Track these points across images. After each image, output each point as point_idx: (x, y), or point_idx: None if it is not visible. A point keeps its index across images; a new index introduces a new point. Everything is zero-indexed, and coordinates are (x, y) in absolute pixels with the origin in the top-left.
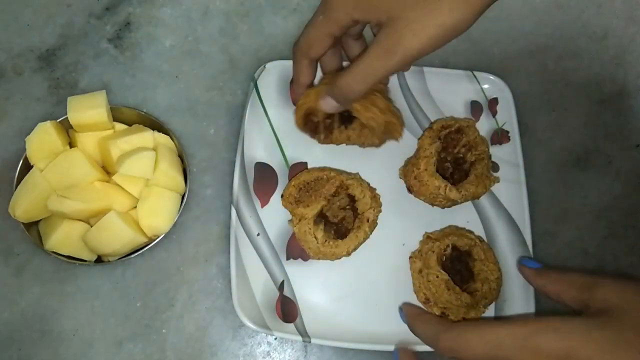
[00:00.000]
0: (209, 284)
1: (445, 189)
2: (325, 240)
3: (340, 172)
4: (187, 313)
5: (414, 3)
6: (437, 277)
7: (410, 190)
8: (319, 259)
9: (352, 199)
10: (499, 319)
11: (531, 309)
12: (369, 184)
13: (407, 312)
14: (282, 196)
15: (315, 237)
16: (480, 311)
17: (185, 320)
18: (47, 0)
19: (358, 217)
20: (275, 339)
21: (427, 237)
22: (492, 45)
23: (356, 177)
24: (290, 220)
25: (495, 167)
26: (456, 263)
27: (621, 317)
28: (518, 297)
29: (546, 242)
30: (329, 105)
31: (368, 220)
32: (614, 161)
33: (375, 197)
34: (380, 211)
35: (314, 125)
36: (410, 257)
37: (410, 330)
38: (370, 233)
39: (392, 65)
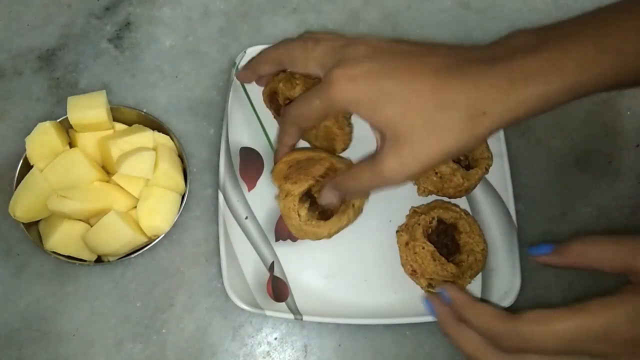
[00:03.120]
0: (209, 284)
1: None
2: (308, 219)
3: (333, 155)
4: (187, 313)
5: (421, 128)
6: (423, 248)
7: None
8: (300, 237)
9: None
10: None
11: (517, 278)
12: None
13: (457, 298)
14: (271, 171)
15: (299, 215)
16: (466, 281)
17: (185, 320)
18: (47, 0)
19: (344, 202)
20: (275, 339)
21: (414, 211)
22: None
23: (347, 162)
24: (277, 195)
25: None
26: (442, 236)
27: None
28: (504, 267)
29: (546, 242)
30: (327, 199)
31: (354, 206)
32: (614, 161)
33: None
34: (367, 200)
35: (277, 105)
36: (397, 231)
37: (464, 318)
38: (354, 219)
39: (391, 184)
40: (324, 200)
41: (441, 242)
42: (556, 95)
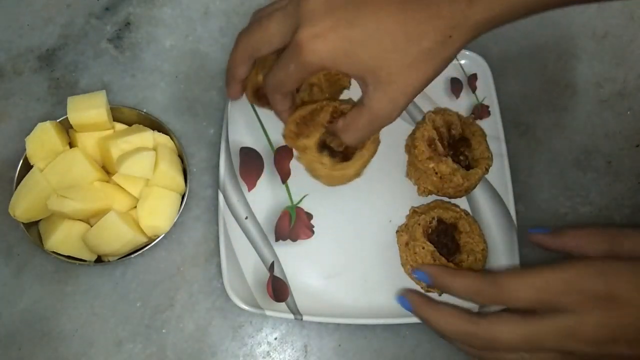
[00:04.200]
0: (209, 284)
1: (454, 174)
2: (333, 164)
3: (334, 100)
4: (187, 313)
5: (399, 65)
6: (423, 248)
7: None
8: (332, 184)
9: None
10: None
11: None
12: None
13: (433, 271)
14: (283, 135)
15: (323, 163)
16: None
17: (185, 320)
18: (47, 0)
19: None
20: (275, 339)
21: (413, 211)
22: (492, 45)
23: (350, 102)
24: (297, 157)
25: None
26: (442, 236)
27: None
28: (504, 267)
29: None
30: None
31: (370, 138)
32: (614, 161)
33: None
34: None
35: (265, 98)
36: (397, 231)
37: (443, 289)
38: (375, 151)
39: (388, 122)
40: (339, 145)
41: (441, 242)
42: (511, 9)
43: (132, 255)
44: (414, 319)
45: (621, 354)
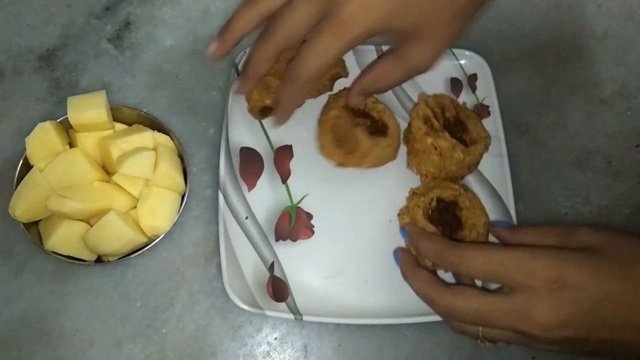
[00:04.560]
0: (209, 284)
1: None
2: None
3: (339, 97)
4: (187, 313)
5: (439, 22)
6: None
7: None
8: (382, 163)
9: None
10: None
11: None
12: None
13: (411, 230)
14: (321, 150)
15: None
16: None
17: (185, 320)
18: (47, 0)
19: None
20: (275, 339)
21: (413, 193)
22: (492, 45)
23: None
24: (343, 160)
25: None
26: (444, 214)
27: (601, 252)
28: None
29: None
30: (355, 101)
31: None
32: (614, 161)
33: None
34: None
35: (270, 110)
36: (398, 214)
37: (415, 249)
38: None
39: (421, 71)
40: (353, 102)
41: (443, 219)
42: None
43: (132, 255)
44: (415, 319)
45: (568, 337)
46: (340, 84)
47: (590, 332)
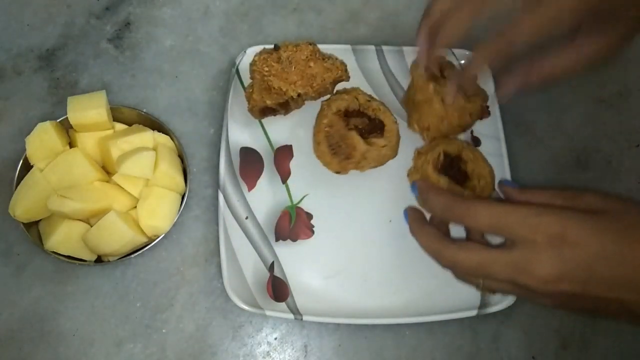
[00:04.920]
0: (209, 284)
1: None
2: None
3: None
4: (187, 313)
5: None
6: (439, 182)
7: (410, 120)
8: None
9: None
10: None
11: None
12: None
13: (421, 185)
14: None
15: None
16: None
17: (185, 320)
18: (47, 0)
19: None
20: (275, 339)
21: (418, 153)
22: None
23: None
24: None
25: (477, 142)
26: (448, 169)
27: (606, 214)
28: None
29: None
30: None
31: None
32: (614, 161)
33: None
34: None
35: (270, 110)
36: (407, 175)
37: (424, 204)
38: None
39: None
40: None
41: (448, 175)
42: None
43: (132, 255)
44: (415, 319)
45: (564, 291)
46: (340, 87)
47: (586, 287)
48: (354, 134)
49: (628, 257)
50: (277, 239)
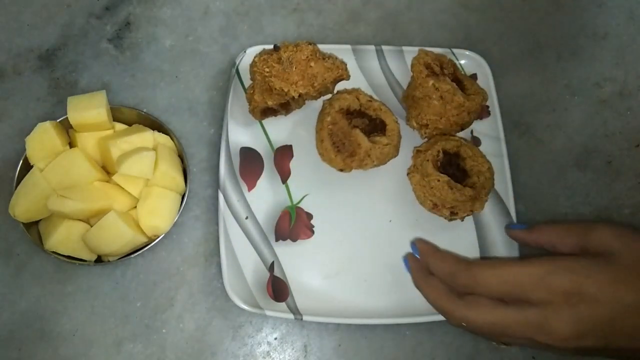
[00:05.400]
0: (209, 284)
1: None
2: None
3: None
4: (187, 313)
5: None
6: (439, 181)
7: (409, 118)
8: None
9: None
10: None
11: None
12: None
13: (422, 248)
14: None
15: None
16: (483, 201)
17: (185, 320)
18: (47, 0)
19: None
20: (275, 338)
21: (417, 151)
22: (492, 45)
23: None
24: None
25: (477, 142)
26: (447, 167)
27: (619, 258)
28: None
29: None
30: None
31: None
32: (614, 161)
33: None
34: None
35: (271, 111)
36: (407, 174)
37: (426, 266)
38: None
39: None
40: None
41: (447, 172)
42: None
43: (132, 255)
44: (415, 319)
45: (587, 347)
46: (340, 86)
47: (608, 341)
48: (358, 131)
49: None
50: (277, 239)
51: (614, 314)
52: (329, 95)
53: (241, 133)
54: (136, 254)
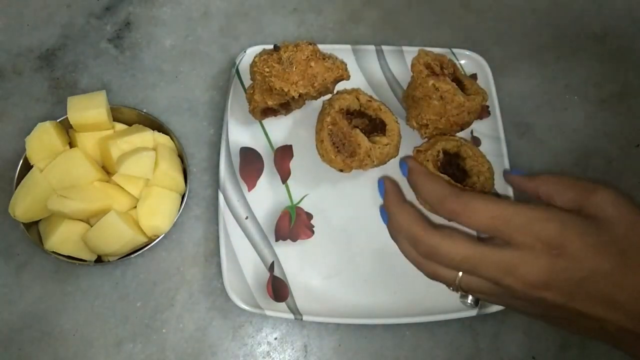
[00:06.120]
0: (209, 284)
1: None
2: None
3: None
4: (187, 313)
5: None
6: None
7: (409, 117)
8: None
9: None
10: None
11: None
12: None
13: (413, 167)
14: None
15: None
16: None
17: (185, 320)
18: (47, 0)
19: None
20: (275, 339)
21: (417, 151)
22: (492, 45)
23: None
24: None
25: (477, 142)
26: (447, 167)
27: (612, 226)
28: None
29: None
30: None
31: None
32: (614, 161)
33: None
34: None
35: (271, 111)
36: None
37: (413, 187)
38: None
39: None
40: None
41: (447, 173)
42: None
43: (132, 255)
44: (415, 319)
45: (547, 300)
46: (340, 86)
47: (570, 300)
48: (358, 131)
49: (620, 277)
50: (277, 239)
51: (587, 276)
52: (329, 95)
53: (241, 133)
54: (136, 254)
